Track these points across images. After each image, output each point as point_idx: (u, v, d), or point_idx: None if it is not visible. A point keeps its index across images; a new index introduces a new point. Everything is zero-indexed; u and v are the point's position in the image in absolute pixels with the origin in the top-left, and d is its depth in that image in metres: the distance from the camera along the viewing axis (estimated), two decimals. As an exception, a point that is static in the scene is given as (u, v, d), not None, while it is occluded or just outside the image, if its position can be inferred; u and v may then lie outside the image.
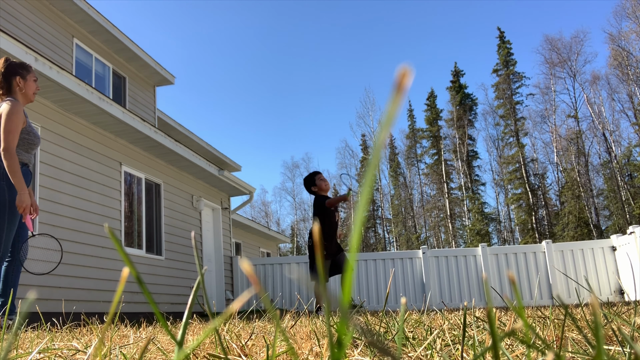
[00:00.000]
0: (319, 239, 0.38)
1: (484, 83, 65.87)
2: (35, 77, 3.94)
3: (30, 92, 3.89)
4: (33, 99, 3.95)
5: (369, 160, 0.32)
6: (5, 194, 3.59)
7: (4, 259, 3.60)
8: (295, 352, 0.95)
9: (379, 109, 54.47)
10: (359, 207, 0.33)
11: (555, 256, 10.44)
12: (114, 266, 7.78)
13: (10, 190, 3.60)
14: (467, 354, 1.03)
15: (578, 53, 43.20)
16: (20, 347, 1.55)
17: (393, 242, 52.20)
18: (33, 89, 3.91)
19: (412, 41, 75.42)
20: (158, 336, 1.75)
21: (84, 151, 7.62)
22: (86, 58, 10.37)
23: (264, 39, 78.58)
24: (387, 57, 75.12)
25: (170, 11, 78.28)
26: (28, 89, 3.87)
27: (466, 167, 47.61)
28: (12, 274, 3.69)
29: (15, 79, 3.81)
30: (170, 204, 9.92)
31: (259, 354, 1.12)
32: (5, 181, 3.60)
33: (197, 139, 14.34)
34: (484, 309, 2.69)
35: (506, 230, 46.83)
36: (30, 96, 3.91)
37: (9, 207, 3.58)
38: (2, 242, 3.58)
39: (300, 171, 56.17)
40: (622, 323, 1.28)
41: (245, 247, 17.74)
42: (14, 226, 3.62)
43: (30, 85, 3.88)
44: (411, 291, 10.67)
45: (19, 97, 3.82)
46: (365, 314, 2.59)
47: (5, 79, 3.82)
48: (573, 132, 42.24)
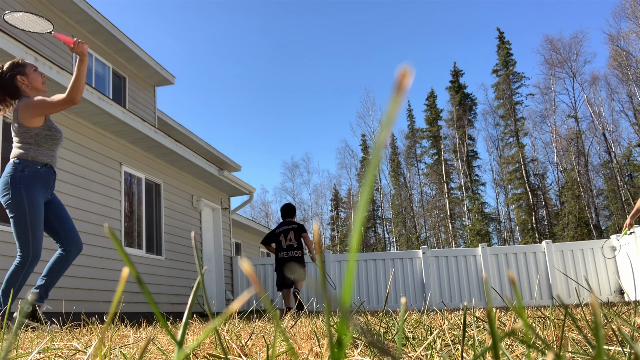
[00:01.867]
0: (319, 242, 0.38)
1: (484, 83, 65.89)
2: (34, 67, 3.83)
3: (38, 84, 3.80)
4: (45, 88, 3.86)
5: (369, 160, 0.32)
6: (24, 198, 3.56)
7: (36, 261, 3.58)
8: (295, 352, 0.95)
9: (379, 108, 54.49)
10: (359, 207, 0.33)
11: (555, 256, 10.44)
12: (114, 266, 7.78)
13: (27, 192, 3.57)
14: (467, 354, 1.03)
15: (578, 53, 43.22)
16: (20, 347, 1.55)
17: (393, 242, 52.21)
18: (39, 80, 3.81)
19: (412, 41, 75.43)
20: (158, 336, 1.75)
21: (84, 151, 7.62)
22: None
23: (264, 39, 78.58)
24: (387, 57, 75.15)
25: (170, 11, 78.28)
26: (34, 82, 3.78)
27: (466, 167, 47.61)
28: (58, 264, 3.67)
29: (16, 79, 3.74)
30: (170, 204, 9.91)
31: (259, 354, 1.12)
32: (23, 184, 3.57)
33: (197, 139, 14.33)
34: (484, 309, 2.69)
35: (506, 230, 46.84)
36: (40, 87, 3.82)
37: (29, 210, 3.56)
38: (30, 246, 3.57)
39: (300, 171, 56.15)
40: (622, 323, 1.28)
41: (245, 247, 17.74)
42: (37, 230, 3.59)
43: (34, 78, 3.78)
44: (411, 291, 10.67)
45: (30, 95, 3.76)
46: (365, 314, 2.59)
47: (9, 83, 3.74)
48: (573, 132, 42.25)
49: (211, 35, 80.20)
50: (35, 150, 3.66)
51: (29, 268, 3.56)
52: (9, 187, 3.56)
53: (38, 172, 3.64)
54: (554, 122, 43.68)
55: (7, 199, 3.57)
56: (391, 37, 74.84)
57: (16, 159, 3.64)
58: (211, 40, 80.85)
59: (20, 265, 3.55)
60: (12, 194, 3.54)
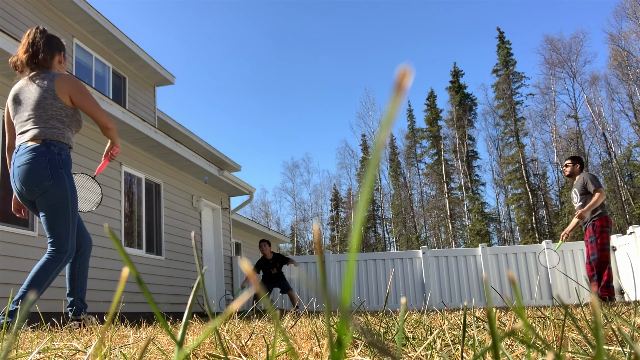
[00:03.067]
0: (319, 241, 0.38)
1: (484, 83, 65.96)
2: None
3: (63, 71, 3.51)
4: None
5: (369, 160, 0.32)
6: (66, 183, 3.21)
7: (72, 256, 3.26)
8: (295, 352, 0.95)
9: (379, 109, 54.48)
10: (359, 207, 0.33)
11: (555, 256, 10.44)
12: (114, 266, 7.78)
13: (69, 177, 3.24)
14: (467, 354, 1.03)
15: (578, 53, 43.22)
16: (20, 347, 1.55)
17: (393, 242, 52.21)
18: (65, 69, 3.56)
19: (412, 41, 75.44)
20: (158, 336, 1.75)
21: (84, 151, 7.61)
22: (86, 58, 10.36)
23: (264, 39, 78.59)
24: (387, 57, 75.16)
25: (170, 11, 78.29)
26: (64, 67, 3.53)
27: (466, 167, 47.61)
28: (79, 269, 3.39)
29: (60, 54, 3.45)
30: (170, 204, 9.91)
31: (259, 354, 1.12)
32: (64, 168, 3.22)
33: (197, 139, 14.33)
34: (484, 309, 2.69)
35: (506, 230, 46.84)
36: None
37: (71, 198, 3.22)
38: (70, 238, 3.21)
39: (300, 171, 56.15)
40: (622, 323, 1.28)
41: (245, 247, 17.73)
42: (76, 218, 3.28)
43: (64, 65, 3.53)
44: (411, 291, 10.67)
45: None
46: (365, 314, 2.59)
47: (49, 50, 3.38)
48: (573, 132, 42.25)
49: (211, 35, 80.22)
50: (68, 132, 3.36)
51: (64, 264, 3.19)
52: (50, 171, 3.16)
53: (69, 157, 3.33)
54: (554, 122, 43.70)
55: (46, 186, 3.15)
56: (391, 37, 74.88)
57: (49, 140, 3.23)
58: (211, 40, 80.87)
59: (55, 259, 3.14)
60: (55, 179, 3.16)
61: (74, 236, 3.25)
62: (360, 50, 76.87)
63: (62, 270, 3.22)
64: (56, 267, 3.13)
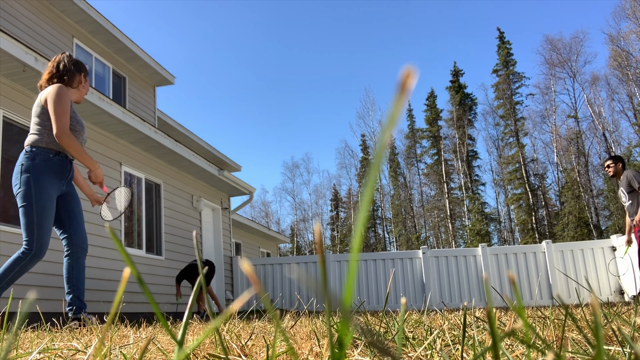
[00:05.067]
0: (320, 241, 0.38)
1: (484, 83, 65.95)
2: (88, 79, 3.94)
3: (84, 93, 3.89)
4: (82, 101, 3.96)
5: (371, 161, 0.32)
6: (32, 188, 3.42)
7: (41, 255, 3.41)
8: (295, 352, 0.95)
9: (379, 109, 54.51)
10: (360, 207, 0.33)
11: (555, 256, 10.45)
12: (114, 266, 7.78)
13: (37, 183, 3.43)
14: (467, 354, 1.03)
15: (578, 53, 43.23)
16: (20, 347, 1.55)
17: (393, 242, 52.21)
18: (87, 91, 3.91)
19: (412, 41, 75.45)
20: (158, 336, 1.75)
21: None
22: (86, 58, 10.36)
23: (264, 39, 78.60)
24: (387, 57, 75.19)
25: (170, 11, 78.29)
26: (85, 90, 3.88)
27: (466, 167, 47.61)
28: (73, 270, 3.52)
29: (80, 75, 3.80)
30: (170, 204, 9.91)
31: (259, 354, 1.12)
32: (32, 173, 3.44)
33: (197, 139, 14.34)
34: (484, 309, 2.69)
35: (506, 230, 46.83)
36: (82, 97, 3.90)
37: (36, 201, 3.41)
38: (35, 238, 3.39)
39: (300, 171, 56.15)
40: (622, 323, 1.28)
41: (245, 247, 17.73)
42: (45, 221, 3.43)
43: (86, 87, 3.88)
44: (411, 291, 10.67)
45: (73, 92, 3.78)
46: (365, 314, 2.59)
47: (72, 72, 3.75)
48: (573, 132, 42.26)
49: (211, 35, 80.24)
50: (49, 136, 3.52)
51: (30, 262, 3.37)
52: (20, 176, 3.44)
53: (51, 161, 3.50)
54: (554, 122, 43.70)
55: (17, 189, 3.45)
56: (391, 37, 74.89)
57: (29, 146, 3.50)
58: (211, 40, 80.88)
59: (22, 255, 3.37)
60: (21, 183, 3.42)
61: (40, 238, 3.41)
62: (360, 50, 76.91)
63: (29, 268, 3.41)
64: (20, 263, 3.34)
